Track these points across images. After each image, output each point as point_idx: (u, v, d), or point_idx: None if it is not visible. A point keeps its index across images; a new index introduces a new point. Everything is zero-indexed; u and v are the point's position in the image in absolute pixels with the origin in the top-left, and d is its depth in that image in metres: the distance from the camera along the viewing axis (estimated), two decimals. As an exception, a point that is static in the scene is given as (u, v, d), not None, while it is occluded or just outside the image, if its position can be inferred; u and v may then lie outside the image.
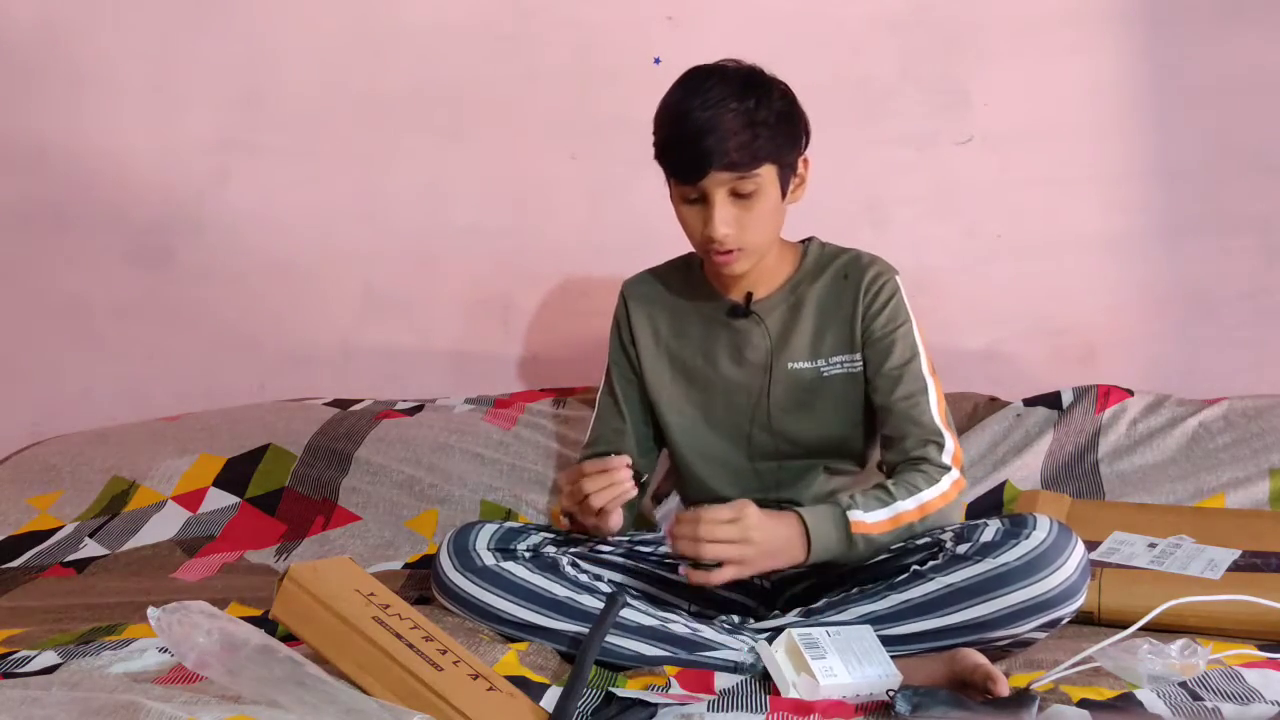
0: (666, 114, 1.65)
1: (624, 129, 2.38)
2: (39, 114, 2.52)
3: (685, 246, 1.88)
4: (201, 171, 2.51)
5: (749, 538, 1.50)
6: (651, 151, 1.67)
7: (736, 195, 1.62)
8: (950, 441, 1.68)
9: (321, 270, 2.52)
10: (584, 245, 2.45)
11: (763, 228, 1.66)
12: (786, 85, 1.67)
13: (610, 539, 1.68)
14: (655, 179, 1.69)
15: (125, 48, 2.50)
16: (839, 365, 1.74)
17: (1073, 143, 2.36)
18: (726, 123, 1.58)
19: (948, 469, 1.66)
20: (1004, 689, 1.35)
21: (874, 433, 1.78)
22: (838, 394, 1.75)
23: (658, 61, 2.38)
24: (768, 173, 1.62)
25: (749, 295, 1.76)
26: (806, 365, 1.75)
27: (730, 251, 1.64)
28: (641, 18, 2.40)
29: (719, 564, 1.50)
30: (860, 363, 1.73)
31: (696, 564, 1.50)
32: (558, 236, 2.47)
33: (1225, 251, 2.35)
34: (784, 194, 1.67)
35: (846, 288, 1.74)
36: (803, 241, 1.82)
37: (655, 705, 1.32)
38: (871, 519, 1.58)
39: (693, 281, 1.82)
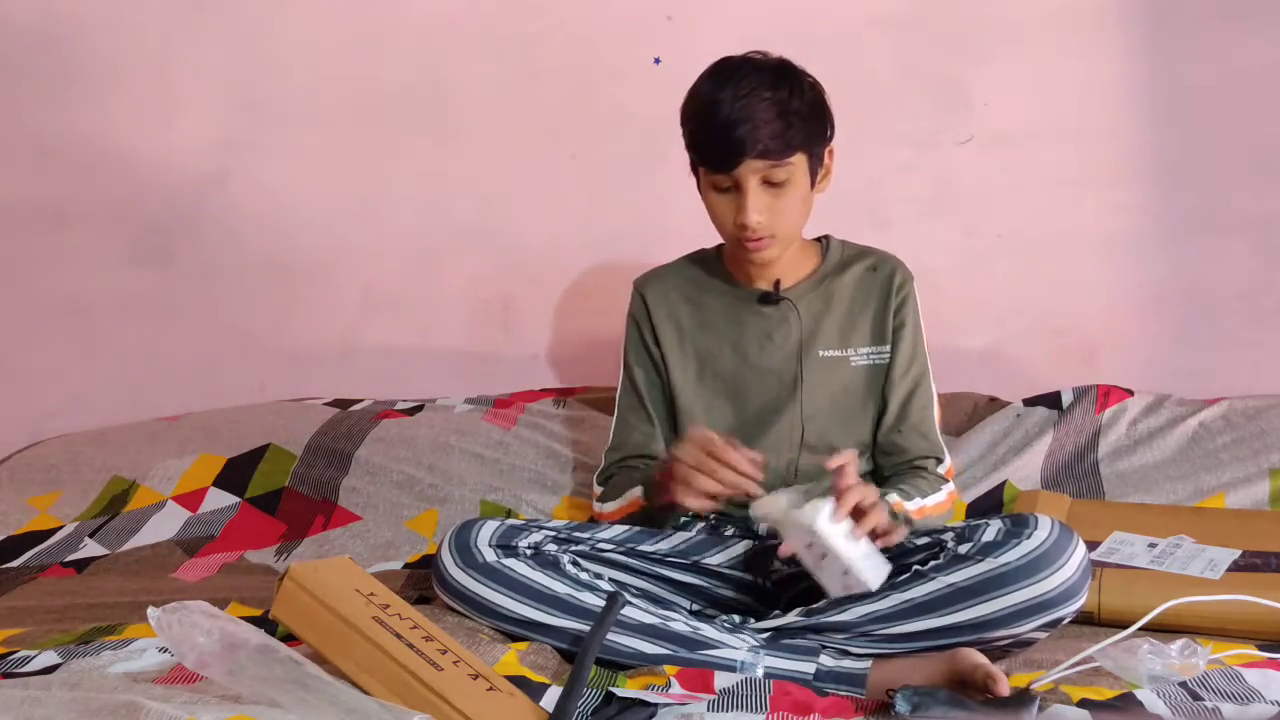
0: (698, 104, 1.65)
1: (624, 129, 2.40)
2: (39, 114, 2.52)
3: (687, 245, 1.89)
4: (201, 171, 2.51)
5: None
6: (651, 151, 1.69)
7: (768, 184, 1.64)
8: (948, 457, 1.78)
9: (321, 270, 2.53)
10: (584, 245, 2.45)
11: (793, 216, 1.69)
12: (814, 78, 1.70)
13: (612, 540, 1.68)
14: (655, 179, 1.70)
15: (125, 48, 2.50)
16: (866, 356, 1.78)
17: (1073, 143, 2.36)
18: (761, 112, 1.60)
19: (946, 481, 1.74)
20: (1004, 688, 1.35)
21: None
22: (862, 386, 1.78)
23: (658, 61, 2.38)
24: (799, 161, 1.65)
25: (777, 282, 1.78)
26: (837, 353, 1.78)
27: (762, 239, 1.66)
28: (641, 18, 2.40)
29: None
30: (887, 356, 1.78)
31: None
32: (558, 236, 2.47)
33: (1225, 251, 2.35)
34: (812, 184, 1.70)
35: (876, 280, 1.80)
36: (819, 239, 1.84)
37: (655, 705, 1.32)
38: (909, 506, 1.64)
39: (712, 274, 1.83)
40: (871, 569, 1.46)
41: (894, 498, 1.63)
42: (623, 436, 1.86)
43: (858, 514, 1.46)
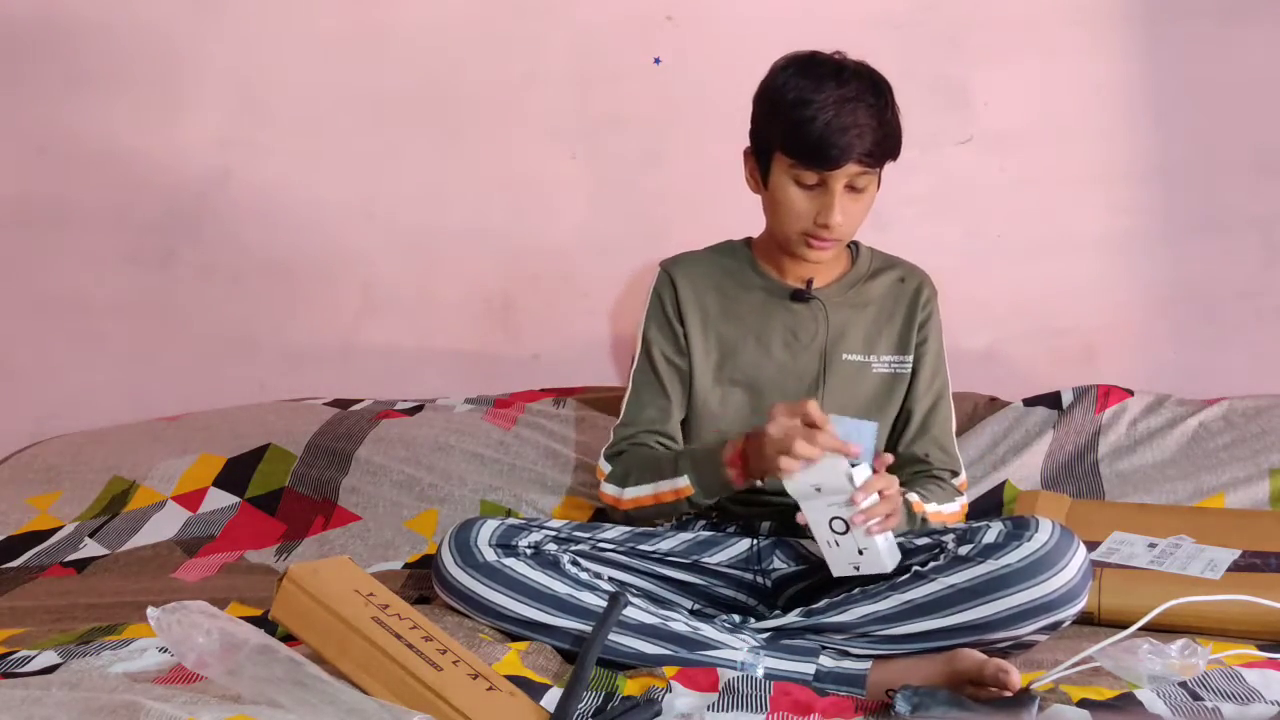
0: (792, 99, 1.63)
1: (624, 129, 2.40)
2: (39, 112, 2.52)
3: (686, 244, 1.88)
4: (202, 171, 2.51)
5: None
6: (651, 151, 1.67)
7: (851, 189, 1.66)
8: (963, 472, 1.81)
9: (321, 270, 2.52)
10: (584, 245, 2.45)
11: (860, 221, 1.72)
12: None
13: (612, 540, 1.67)
14: (655, 179, 1.69)
15: (126, 47, 2.50)
16: (887, 364, 1.80)
17: (1073, 143, 2.36)
18: (868, 118, 1.62)
19: (960, 494, 1.78)
20: (1017, 680, 1.35)
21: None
22: (879, 393, 1.79)
23: (658, 61, 2.38)
24: (879, 171, 1.68)
25: (810, 281, 1.79)
26: (859, 358, 1.79)
27: (831, 240, 1.68)
28: (641, 18, 2.40)
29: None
30: (909, 366, 1.80)
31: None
32: (558, 236, 2.47)
33: (1225, 251, 2.35)
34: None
35: (904, 291, 1.82)
36: (848, 243, 1.83)
37: (658, 705, 1.32)
38: (929, 508, 1.68)
39: (742, 266, 1.83)
40: (888, 551, 1.49)
41: (913, 497, 1.66)
42: (636, 412, 1.81)
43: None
